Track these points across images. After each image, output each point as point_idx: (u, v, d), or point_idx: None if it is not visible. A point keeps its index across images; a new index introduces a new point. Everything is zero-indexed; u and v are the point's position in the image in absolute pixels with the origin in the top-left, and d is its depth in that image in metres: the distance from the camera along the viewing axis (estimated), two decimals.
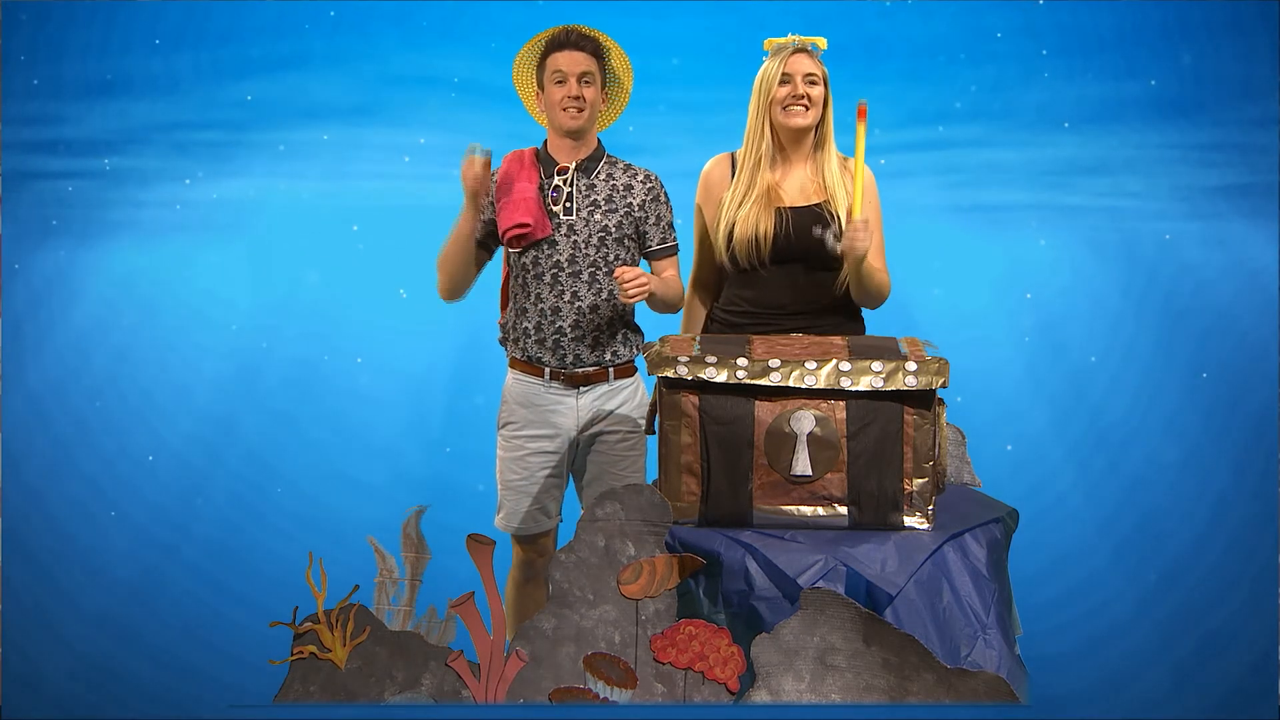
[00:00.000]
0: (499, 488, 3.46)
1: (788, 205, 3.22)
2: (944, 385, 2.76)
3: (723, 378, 2.79)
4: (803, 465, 2.79)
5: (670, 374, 2.81)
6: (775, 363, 2.79)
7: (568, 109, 3.28)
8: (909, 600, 2.66)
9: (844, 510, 2.81)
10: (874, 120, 3.04)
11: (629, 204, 3.35)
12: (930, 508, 2.82)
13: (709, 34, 5.54)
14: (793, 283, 3.22)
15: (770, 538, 2.76)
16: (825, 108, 3.23)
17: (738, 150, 3.30)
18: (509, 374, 3.44)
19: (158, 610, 4.57)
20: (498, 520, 3.46)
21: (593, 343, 3.34)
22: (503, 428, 3.44)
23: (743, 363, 2.79)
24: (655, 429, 2.96)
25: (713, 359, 2.81)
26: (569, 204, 3.31)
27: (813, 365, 2.78)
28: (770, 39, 3.24)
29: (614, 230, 3.32)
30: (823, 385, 2.77)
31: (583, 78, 3.28)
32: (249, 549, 4.99)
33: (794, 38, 3.22)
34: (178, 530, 5.11)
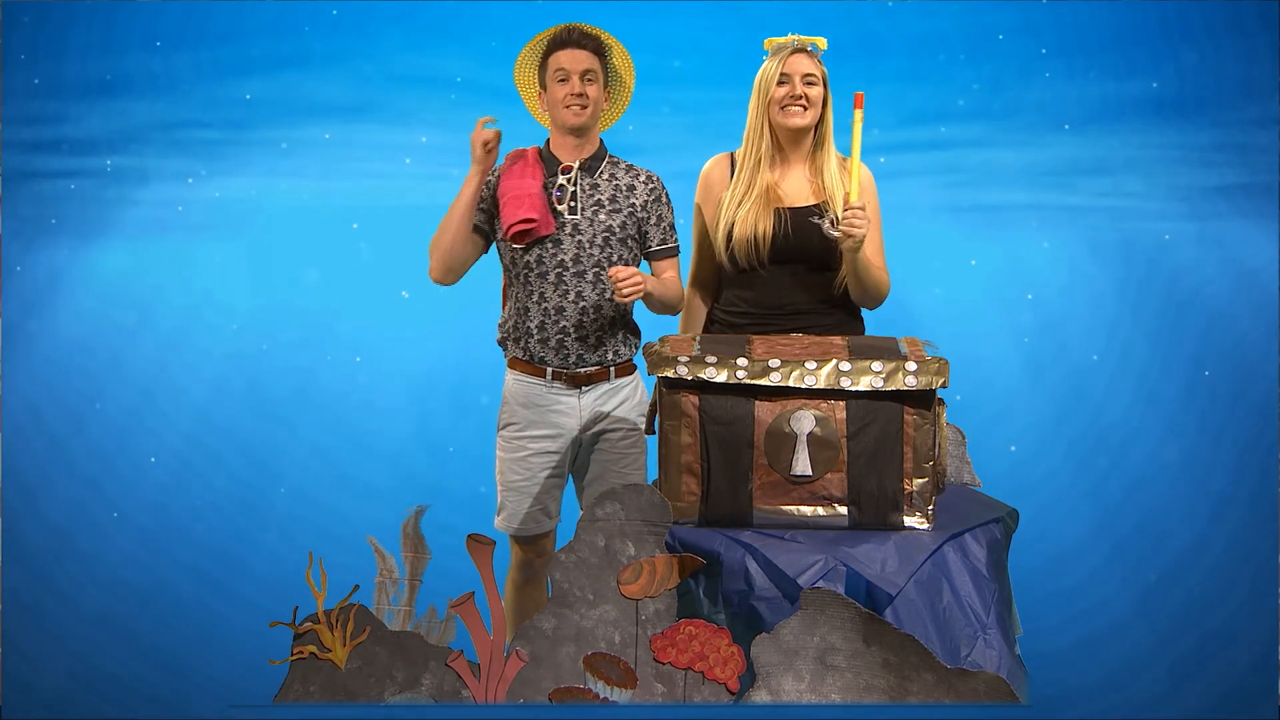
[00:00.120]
0: (499, 489, 3.45)
1: (787, 205, 3.22)
2: (944, 385, 2.76)
3: (723, 378, 2.79)
4: (803, 465, 2.79)
5: (670, 374, 2.81)
6: (775, 363, 2.78)
7: (571, 106, 3.28)
8: (909, 600, 2.66)
9: (844, 510, 2.81)
10: (874, 120, 3.04)
11: (632, 204, 3.34)
12: (930, 508, 2.82)
13: (709, 34, 5.54)
14: (792, 283, 3.22)
15: (770, 538, 2.76)
16: (824, 108, 3.22)
17: (737, 150, 3.30)
18: (509, 375, 3.43)
19: (157, 610, 4.57)
20: (498, 521, 3.46)
21: (595, 342, 3.34)
22: (504, 429, 3.44)
23: (743, 363, 2.79)
24: (655, 429, 2.96)
25: (713, 359, 2.80)
26: (573, 203, 3.31)
27: (813, 365, 2.78)
28: (770, 39, 3.23)
29: (618, 230, 3.32)
30: (823, 385, 2.77)
31: (585, 75, 3.27)
32: (249, 549, 4.99)
33: (794, 37, 3.21)
34: (177, 530, 5.11)
